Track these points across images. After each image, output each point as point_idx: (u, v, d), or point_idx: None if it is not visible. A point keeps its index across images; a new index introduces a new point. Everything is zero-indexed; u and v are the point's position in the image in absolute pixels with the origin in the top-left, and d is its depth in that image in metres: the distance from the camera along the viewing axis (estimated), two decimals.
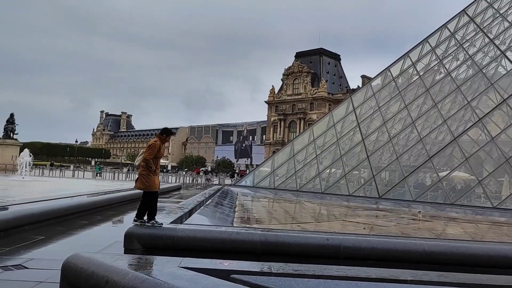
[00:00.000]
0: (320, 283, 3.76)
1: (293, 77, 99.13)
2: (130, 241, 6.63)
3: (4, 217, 7.74)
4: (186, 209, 9.65)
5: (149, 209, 6.88)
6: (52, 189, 16.63)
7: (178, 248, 6.39)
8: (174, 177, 42.57)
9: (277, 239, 6.63)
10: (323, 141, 27.85)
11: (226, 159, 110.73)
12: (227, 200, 15.81)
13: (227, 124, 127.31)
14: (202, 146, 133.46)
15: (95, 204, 12.10)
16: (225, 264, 4.30)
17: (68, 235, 8.55)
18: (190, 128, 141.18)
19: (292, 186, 26.18)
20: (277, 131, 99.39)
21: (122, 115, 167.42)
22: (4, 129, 47.27)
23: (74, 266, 4.20)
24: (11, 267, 5.57)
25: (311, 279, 3.85)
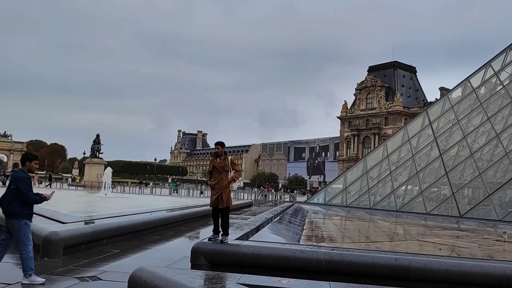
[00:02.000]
0: None
1: (366, 91, 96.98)
2: (196, 256, 6.79)
3: (84, 231, 8.30)
4: (253, 226, 9.71)
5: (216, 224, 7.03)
6: (130, 205, 17.58)
7: (243, 264, 6.43)
8: (246, 193, 43.09)
9: (342, 258, 6.43)
10: (398, 157, 26.78)
11: (298, 176, 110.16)
12: (296, 217, 15.67)
13: (299, 140, 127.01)
14: (274, 163, 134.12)
15: (168, 220, 12.59)
16: (283, 282, 4.25)
17: (141, 249, 8.96)
18: (262, 145, 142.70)
19: (365, 203, 25.36)
20: (350, 147, 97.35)
21: (198, 134, 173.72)
22: (91, 149, 51.13)
23: (139, 279, 4.38)
24: (87, 278, 5.95)
25: None
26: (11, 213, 5.55)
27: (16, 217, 5.54)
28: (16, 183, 5.54)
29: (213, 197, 6.93)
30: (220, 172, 6.88)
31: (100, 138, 52.23)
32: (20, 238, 5.59)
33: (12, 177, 5.79)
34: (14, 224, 5.56)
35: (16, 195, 5.54)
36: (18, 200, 5.54)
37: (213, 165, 6.95)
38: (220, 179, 6.87)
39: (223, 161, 6.93)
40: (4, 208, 5.63)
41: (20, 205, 5.54)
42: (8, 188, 5.66)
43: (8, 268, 6.55)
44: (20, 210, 5.54)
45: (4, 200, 5.62)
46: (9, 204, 5.55)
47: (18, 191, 5.51)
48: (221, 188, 6.84)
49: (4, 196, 5.64)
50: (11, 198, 5.56)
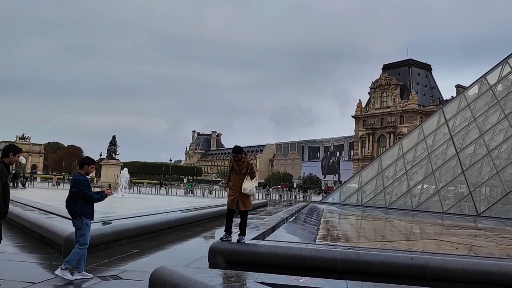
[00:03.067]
0: None
1: (380, 90, 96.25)
2: (214, 256, 6.92)
3: (104, 232, 8.49)
4: (269, 226, 9.81)
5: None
6: (147, 206, 17.83)
7: (259, 264, 6.52)
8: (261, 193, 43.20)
9: (358, 257, 6.48)
10: (413, 155, 26.59)
11: (313, 176, 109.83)
12: (311, 217, 15.72)
13: (313, 140, 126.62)
14: (288, 163, 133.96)
15: (185, 220, 12.75)
16: (300, 281, 4.34)
17: (160, 249, 9.12)
18: (277, 145, 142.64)
19: (381, 203, 25.25)
20: (365, 146, 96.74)
21: (212, 134, 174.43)
22: (107, 150, 51.81)
23: (159, 278, 4.51)
24: (108, 277, 6.11)
25: None
26: (77, 213, 5.99)
27: (80, 217, 5.99)
28: (78, 186, 6.00)
29: (229, 198, 7.02)
30: (238, 174, 6.96)
31: (116, 139, 52.91)
32: (80, 236, 5.99)
33: (72, 181, 6.26)
34: (78, 223, 6.01)
35: (79, 196, 5.98)
36: (81, 201, 5.98)
37: (232, 166, 7.02)
38: (237, 181, 6.95)
39: (242, 164, 7.01)
40: (70, 210, 6.07)
41: (84, 206, 6.00)
42: (70, 191, 6.08)
43: (32, 268, 6.76)
44: (84, 210, 6.01)
45: (70, 203, 6.05)
46: (74, 205, 5.99)
47: (80, 193, 5.96)
48: (238, 191, 6.91)
49: (69, 199, 6.08)
50: (75, 200, 6.00)
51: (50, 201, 16.37)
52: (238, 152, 7.09)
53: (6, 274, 5.77)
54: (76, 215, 6.02)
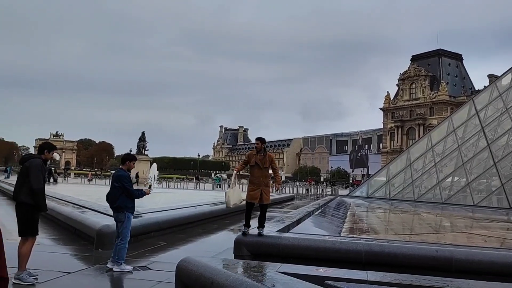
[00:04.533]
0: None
1: (409, 81, 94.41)
2: (239, 248, 7.08)
3: (134, 225, 8.74)
4: (294, 219, 9.90)
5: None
6: (175, 200, 18.20)
7: (283, 255, 6.64)
8: (288, 187, 43.26)
9: (382, 249, 6.51)
10: (443, 147, 26.05)
11: (341, 169, 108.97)
12: (338, 210, 15.71)
13: (341, 133, 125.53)
14: (316, 157, 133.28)
15: (212, 214, 12.99)
16: (321, 271, 4.43)
17: (187, 241, 9.37)
18: (304, 138, 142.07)
19: (410, 196, 24.91)
20: (394, 139, 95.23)
21: (239, 129, 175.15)
22: (137, 146, 52.89)
23: (185, 268, 4.68)
24: (138, 268, 6.36)
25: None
26: (119, 207, 6.30)
27: (122, 211, 6.30)
28: (120, 181, 6.32)
29: (251, 192, 7.01)
30: (261, 169, 7.01)
31: (145, 135, 53.93)
32: (123, 229, 6.30)
33: (114, 176, 6.59)
34: (120, 217, 6.34)
35: (121, 191, 6.28)
36: (124, 195, 6.29)
37: (255, 161, 7.04)
38: (260, 176, 7.00)
39: (264, 158, 7.07)
40: (112, 204, 6.39)
41: (126, 200, 6.31)
42: (112, 186, 6.41)
43: (67, 259, 7.10)
44: (126, 204, 6.32)
45: (110, 197, 6.38)
46: (116, 199, 6.30)
47: (122, 187, 6.27)
48: (262, 185, 6.98)
49: (110, 193, 6.40)
50: (117, 194, 6.31)
51: (82, 196, 16.96)
52: (259, 140, 7.16)
53: (43, 265, 6.08)
54: (118, 209, 6.32)
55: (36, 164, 5.48)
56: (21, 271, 5.28)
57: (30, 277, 5.30)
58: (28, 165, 5.47)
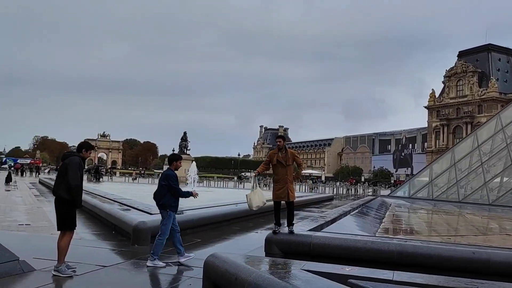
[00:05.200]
0: None
1: (456, 78, 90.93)
2: (270, 246, 7.12)
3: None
4: (328, 218, 9.83)
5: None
6: (213, 198, 18.44)
7: (314, 254, 6.61)
8: (328, 187, 42.85)
9: (415, 250, 6.35)
10: (491, 146, 24.93)
11: (384, 169, 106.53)
12: (376, 210, 15.40)
13: (384, 132, 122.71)
14: (358, 156, 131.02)
15: (247, 212, 13.06)
16: (346, 270, 4.39)
17: (221, 239, 9.51)
18: (345, 138, 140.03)
19: (454, 197, 24.00)
20: (439, 138, 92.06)
21: (280, 129, 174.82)
22: (179, 146, 54.09)
23: (212, 264, 4.78)
24: (170, 264, 6.54)
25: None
26: (164, 205, 6.57)
27: (166, 208, 6.56)
28: (167, 180, 6.61)
29: (277, 191, 7.07)
30: (284, 166, 7.03)
31: (187, 135, 55.08)
32: (162, 226, 6.57)
33: (162, 175, 6.89)
34: (163, 215, 6.60)
35: (167, 189, 6.55)
36: (169, 194, 6.56)
37: (277, 159, 7.08)
38: (284, 174, 7.02)
39: (286, 155, 7.08)
40: (158, 201, 6.66)
41: (170, 199, 6.59)
42: (160, 184, 6.69)
43: (105, 253, 7.39)
44: (170, 202, 6.59)
45: (158, 195, 6.66)
46: (162, 197, 6.57)
47: (169, 186, 6.55)
48: (286, 183, 7.01)
49: (157, 191, 6.68)
50: (163, 192, 6.59)
51: (125, 194, 17.51)
52: (281, 137, 7.22)
53: (82, 258, 6.36)
54: (162, 207, 6.56)
55: (75, 162, 5.74)
56: (60, 263, 5.55)
57: (68, 270, 5.57)
58: (67, 163, 5.74)
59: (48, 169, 65.07)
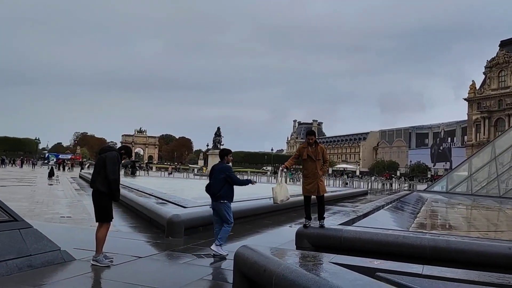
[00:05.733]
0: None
1: (498, 68, 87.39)
2: (300, 240, 7.18)
3: (202, 215, 9.20)
4: (361, 213, 9.77)
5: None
6: (246, 193, 18.61)
7: (344, 248, 6.61)
8: (362, 182, 42.31)
9: (448, 245, 6.25)
10: None
11: (421, 164, 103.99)
12: (410, 205, 15.13)
13: (421, 126, 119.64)
14: (394, 150, 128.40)
15: (279, 206, 13.13)
16: (374, 263, 4.39)
17: (253, 232, 9.63)
18: (381, 132, 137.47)
19: (494, 192, 23.24)
20: (480, 131, 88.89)
21: (313, 123, 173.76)
22: (213, 141, 54.71)
23: (242, 256, 4.88)
24: (202, 255, 6.71)
25: (463, 284, 3.64)
26: (221, 196, 6.81)
27: (224, 200, 6.82)
28: (224, 172, 6.86)
29: (308, 186, 7.13)
30: (314, 161, 7.08)
31: (220, 130, 55.57)
32: (226, 216, 6.85)
33: (217, 169, 7.05)
34: (220, 206, 6.85)
35: (225, 181, 6.80)
36: (227, 185, 6.82)
37: (307, 154, 7.13)
38: (314, 168, 7.07)
39: (316, 150, 7.12)
40: (214, 193, 6.88)
41: (228, 190, 6.86)
42: (216, 177, 6.91)
43: (140, 245, 7.64)
44: (228, 193, 6.87)
45: (213, 187, 6.88)
46: (219, 189, 6.80)
47: (228, 177, 6.82)
48: (316, 177, 7.05)
49: (213, 184, 6.90)
50: (221, 184, 6.82)
51: (161, 188, 17.94)
52: (312, 134, 7.25)
53: (119, 249, 6.63)
54: (219, 198, 6.78)
55: (113, 156, 5.97)
56: (98, 254, 5.81)
57: (106, 260, 5.82)
58: (105, 157, 5.97)
59: (88, 163, 67.40)
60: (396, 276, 3.80)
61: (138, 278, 5.26)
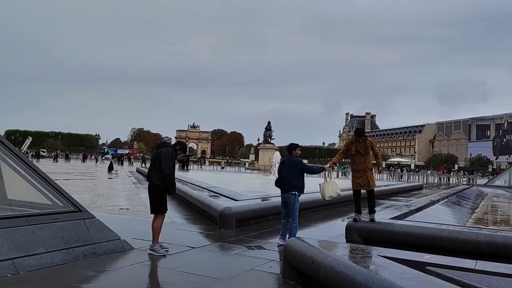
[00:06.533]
0: None
1: None
2: (350, 233, 7.18)
3: (253, 208, 9.41)
4: (413, 207, 9.57)
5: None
6: None
7: (395, 242, 6.53)
8: (417, 176, 41.00)
9: (506, 240, 6.02)
10: None
11: (482, 157, 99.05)
12: (468, 200, 14.54)
13: (482, 117, 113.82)
14: (452, 143, 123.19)
15: (330, 201, 13.08)
16: (425, 257, 4.34)
17: (303, 226, 9.65)
18: (438, 124, 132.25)
19: None
20: None
21: (366, 116, 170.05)
22: (263, 135, 55.02)
23: (291, 248, 4.99)
24: (253, 247, 6.89)
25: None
26: (295, 187, 6.98)
27: (295, 190, 6.98)
28: (298, 165, 7.04)
29: (357, 180, 7.12)
30: (363, 155, 7.05)
31: (271, 125, 55.78)
32: (294, 209, 7.05)
33: (288, 163, 7.22)
34: (291, 197, 7.04)
35: (299, 174, 7.00)
36: (300, 177, 7.00)
37: (355, 148, 7.11)
38: (363, 162, 7.03)
39: (364, 144, 7.08)
40: (287, 185, 7.03)
41: (300, 181, 7.04)
42: (288, 171, 7.07)
43: (194, 236, 7.94)
44: (301, 185, 7.03)
45: (285, 180, 7.06)
46: (293, 181, 6.98)
47: (304, 170, 7.07)
48: (366, 171, 7.01)
49: (285, 177, 7.05)
50: (295, 177, 7.00)
51: (213, 182, 18.40)
52: (361, 135, 7.18)
53: (173, 240, 6.94)
54: (292, 189, 6.92)
55: (168, 152, 6.26)
56: (154, 243, 6.13)
57: (162, 249, 6.13)
58: (160, 152, 6.28)
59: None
60: (447, 271, 3.76)
61: (191, 267, 5.52)
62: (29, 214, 5.58)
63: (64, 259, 5.30)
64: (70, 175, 26.94)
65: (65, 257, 5.34)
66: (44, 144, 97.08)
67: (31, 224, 5.35)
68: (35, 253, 5.10)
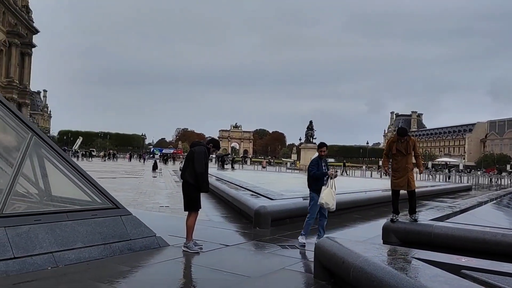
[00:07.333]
0: None
1: None
2: (387, 234, 6.98)
3: (288, 207, 9.35)
4: (457, 208, 9.18)
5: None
6: (338, 186, 18.38)
7: (435, 245, 6.27)
8: (466, 177, 39.34)
9: None
10: None
11: None
12: None
13: None
14: (505, 143, 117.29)
15: (370, 201, 12.82)
16: (462, 260, 4.14)
17: (341, 226, 9.53)
18: (490, 123, 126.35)
19: None
20: None
21: (412, 115, 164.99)
22: (305, 135, 54.63)
23: (322, 248, 4.91)
24: (287, 246, 6.85)
25: None
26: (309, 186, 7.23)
27: (310, 189, 7.18)
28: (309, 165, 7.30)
29: (397, 180, 6.90)
30: (404, 155, 6.84)
31: (313, 124, 55.19)
32: (308, 206, 7.26)
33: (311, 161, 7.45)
34: (309, 196, 7.25)
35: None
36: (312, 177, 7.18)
37: (396, 148, 6.92)
38: (405, 162, 6.83)
39: (406, 144, 6.87)
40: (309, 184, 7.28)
41: (312, 182, 7.19)
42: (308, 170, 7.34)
43: (229, 234, 8.00)
44: (312, 185, 7.17)
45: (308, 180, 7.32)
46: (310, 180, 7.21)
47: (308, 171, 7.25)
48: (407, 171, 6.81)
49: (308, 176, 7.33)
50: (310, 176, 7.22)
51: (253, 181, 18.43)
52: (403, 134, 6.97)
53: (208, 237, 7.03)
54: (310, 189, 7.16)
55: (200, 151, 6.34)
56: (188, 240, 6.22)
57: (195, 246, 6.21)
58: (194, 151, 6.36)
59: None
60: (484, 275, 3.57)
61: (224, 264, 5.55)
62: (69, 210, 5.81)
63: (101, 254, 5.48)
64: (116, 173, 27.88)
65: (102, 252, 5.52)
66: (94, 144, 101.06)
67: (71, 220, 5.56)
68: (74, 247, 5.30)
